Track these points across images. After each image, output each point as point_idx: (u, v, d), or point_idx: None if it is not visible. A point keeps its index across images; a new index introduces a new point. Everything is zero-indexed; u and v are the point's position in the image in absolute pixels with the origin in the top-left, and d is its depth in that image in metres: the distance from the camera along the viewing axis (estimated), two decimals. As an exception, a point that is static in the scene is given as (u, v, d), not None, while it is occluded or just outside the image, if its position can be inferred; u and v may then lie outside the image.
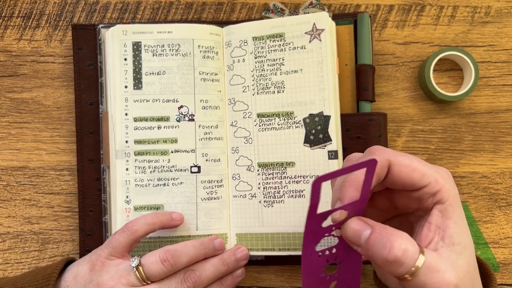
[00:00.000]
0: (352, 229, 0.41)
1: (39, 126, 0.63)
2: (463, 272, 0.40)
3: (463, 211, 0.42)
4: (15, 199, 0.63)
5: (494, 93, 0.64)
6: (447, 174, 0.44)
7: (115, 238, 0.53)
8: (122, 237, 0.53)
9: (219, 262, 0.56)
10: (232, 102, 0.61)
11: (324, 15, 0.59)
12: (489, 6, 0.65)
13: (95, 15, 0.64)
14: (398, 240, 0.39)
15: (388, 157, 0.42)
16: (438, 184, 0.41)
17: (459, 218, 0.41)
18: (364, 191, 0.40)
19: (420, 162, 0.42)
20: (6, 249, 0.62)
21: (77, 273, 0.53)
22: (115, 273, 0.52)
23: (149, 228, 0.54)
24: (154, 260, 0.52)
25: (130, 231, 0.53)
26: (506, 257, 0.63)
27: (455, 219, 0.41)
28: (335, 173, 0.38)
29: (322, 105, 0.58)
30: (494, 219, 0.63)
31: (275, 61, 0.59)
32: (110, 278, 0.52)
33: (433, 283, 0.39)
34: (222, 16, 0.65)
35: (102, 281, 0.52)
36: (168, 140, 0.59)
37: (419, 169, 0.41)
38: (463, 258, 0.40)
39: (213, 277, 0.55)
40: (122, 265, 0.53)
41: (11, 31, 0.64)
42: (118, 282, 0.51)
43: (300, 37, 0.59)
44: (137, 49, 0.59)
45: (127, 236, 0.53)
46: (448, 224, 0.41)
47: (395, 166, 0.42)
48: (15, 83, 0.64)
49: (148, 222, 0.54)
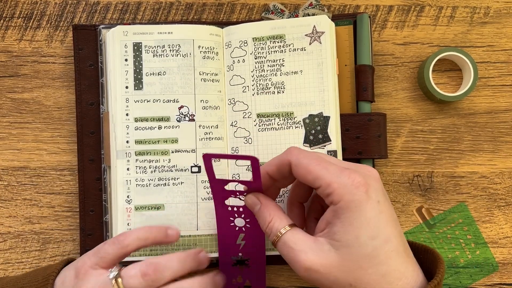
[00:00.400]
0: (248, 202, 0.51)
1: (39, 126, 0.64)
2: (330, 264, 0.44)
3: (362, 215, 0.44)
4: (16, 199, 0.63)
5: (493, 93, 0.64)
6: (360, 179, 0.45)
7: (104, 249, 0.51)
8: (111, 249, 0.51)
9: (188, 258, 0.52)
10: (232, 102, 0.61)
11: (324, 18, 0.59)
12: (488, 6, 0.65)
13: (95, 15, 0.65)
14: (269, 214, 0.49)
15: (290, 157, 0.48)
16: (329, 188, 0.45)
17: (348, 221, 0.44)
18: (255, 177, 0.49)
19: (320, 164, 0.46)
20: (7, 248, 0.62)
21: (64, 278, 0.51)
22: (94, 284, 0.49)
23: (140, 243, 0.51)
24: (134, 274, 0.49)
25: (121, 244, 0.51)
26: (505, 257, 0.63)
27: (343, 220, 0.44)
28: (223, 156, 0.53)
29: (322, 105, 0.58)
30: (493, 219, 0.63)
31: (275, 62, 0.60)
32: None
33: (286, 255, 0.47)
34: (222, 17, 0.65)
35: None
36: (168, 140, 0.59)
37: (313, 172, 0.46)
38: (339, 254, 0.44)
39: (177, 274, 0.51)
40: (103, 276, 0.50)
41: (12, 31, 0.64)
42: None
43: (300, 39, 0.59)
44: (138, 50, 0.59)
45: (117, 249, 0.50)
46: (335, 222, 0.45)
47: (294, 167, 0.47)
48: (16, 83, 0.64)
49: (140, 237, 0.51)
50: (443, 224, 0.63)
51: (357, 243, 0.44)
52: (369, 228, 0.44)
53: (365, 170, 0.48)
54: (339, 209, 0.45)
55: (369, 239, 0.44)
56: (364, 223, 0.44)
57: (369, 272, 0.44)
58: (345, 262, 0.44)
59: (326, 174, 0.46)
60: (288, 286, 0.63)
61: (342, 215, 0.45)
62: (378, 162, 0.63)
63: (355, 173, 0.45)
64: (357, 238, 0.44)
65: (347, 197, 0.45)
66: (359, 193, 0.45)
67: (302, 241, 0.46)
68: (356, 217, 0.44)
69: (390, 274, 0.45)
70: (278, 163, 0.49)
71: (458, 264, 0.63)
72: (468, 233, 0.63)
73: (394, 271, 0.45)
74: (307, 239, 0.46)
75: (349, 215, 0.45)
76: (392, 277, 0.45)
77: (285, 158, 0.48)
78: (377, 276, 0.45)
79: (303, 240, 0.46)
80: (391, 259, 0.45)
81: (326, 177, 0.45)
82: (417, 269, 0.47)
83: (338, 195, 0.45)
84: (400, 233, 0.47)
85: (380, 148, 0.60)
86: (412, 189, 0.64)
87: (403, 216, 0.64)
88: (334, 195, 0.45)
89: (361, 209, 0.44)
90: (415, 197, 0.64)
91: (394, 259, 0.45)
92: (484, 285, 0.63)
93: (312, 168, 0.46)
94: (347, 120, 0.59)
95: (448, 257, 0.63)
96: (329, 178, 0.45)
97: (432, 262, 0.48)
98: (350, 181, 0.45)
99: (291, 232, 0.47)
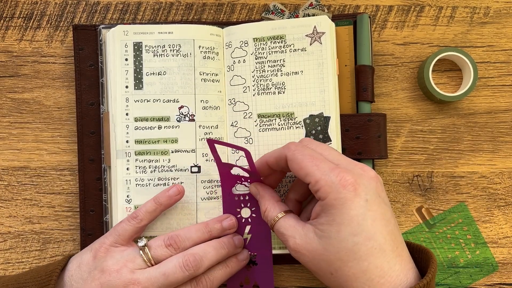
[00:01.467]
0: (252, 190, 0.57)
1: (40, 126, 0.64)
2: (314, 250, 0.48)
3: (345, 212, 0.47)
4: (16, 199, 0.63)
5: (493, 93, 0.65)
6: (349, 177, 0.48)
7: (121, 226, 0.55)
8: (128, 225, 0.55)
9: (220, 246, 0.56)
10: (233, 102, 0.61)
11: (324, 19, 0.59)
12: (488, 6, 0.65)
13: (95, 15, 0.65)
14: (265, 203, 0.54)
15: (287, 152, 0.52)
16: (317, 185, 0.48)
17: (332, 216, 0.47)
18: (251, 168, 0.54)
19: (313, 161, 0.49)
20: (7, 248, 0.62)
21: (80, 262, 0.54)
22: (121, 258, 0.53)
23: (152, 215, 0.56)
24: (159, 244, 0.54)
25: (136, 220, 0.55)
26: (505, 257, 0.63)
27: (328, 215, 0.48)
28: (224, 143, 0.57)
29: (322, 106, 0.58)
30: (493, 219, 0.63)
31: (275, 62, 0.60)
32: (116, 263, 0.53)
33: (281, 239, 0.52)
34: (222, 17, 0.65)
35: (106, 266, 0.52)
36: (168, 140, 0.59)
37: (305, 168, 0.50)
38: (321, 243, 0.48)
39: (215, 261, 0.55)
40: (127, 251, 0.54)
41: (12, 31, 0.64)
42: (124, 266, 0.52)
43: (301, 40, 0.59)
44: (138, 50, 0.59)
45: (133, 225, 0.55)
46: (321, 215, 0.48)
47: (289, 161, 0.51)
48: (16, 83, 0.64)
49: (149, 210, 0.56)
50: (443, 224, 0.63)
51: (338, 237, 0.47)
52: (352, 225, 0.46)
53: (361, 169, 0.49)
54: (325, 205, 0.48)
55: (350, 235, 0.46)
56: (347, 219, 0.47)
57: (349, 266, 0.46)
58: (326, 252, 0.48)
59: (316, 171, 0.49)
60: (288, 286, 0.63)
61: (328, 211, 0.48)
62: (378, 162, 0.63)
63: (345, 172, 0.48)
64: (338, 232, 0.47)
65: (333, 195, 0.47)
66: (345, 192, 0.47)
67: (292, 228, 0.51)
68: (339, 214, 0.47)
69: (371, 270, 0.46)
70: (276, 156, 0.53)
71: (458, 264, 0.63)
72: (468, 233, 0.64)
73: (375, 268, 0.46)
74: (297, 225, 0.51)
75: (333, 211, 0.47)
76: (373, 274, 0.46)
77: (283, 152, 0.52)
78: (357, 270, 0.46)
79: (294, 226, 0.51)
80: (373, 256, 0.46)
81: (316, 174, 0.49)
82: (408, 269, 0.47)
83: (325, 192, 0.48)
84: (391, 232, 0.48)
85: (380, 148, 0.60)
86: (412, 189, 0.64)
87: (403, 216, 0.64)
88: (321, 192, 0.48)
89: (346, 206, 0.47)
90: (415, 197, 0.64)
91: (376, 256, 0.46)
92: (484, 285, 0.63)
93: (304, 164, 0.50)
94: (347, 121, 0.60)
95: (448, 257, 0.63)
96: (318, 176, 0.48)
97: (426, 262, 0.50)
98: (338, 180, 0.47)
99: (284, 219, 0.52)
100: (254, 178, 0.57)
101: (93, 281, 0.52)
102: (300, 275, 0.63)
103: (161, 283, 0.52)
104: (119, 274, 0.52)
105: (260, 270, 0.59)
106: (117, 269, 0.52)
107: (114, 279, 0.52)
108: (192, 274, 0.53)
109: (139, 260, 0.53)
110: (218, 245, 0.56)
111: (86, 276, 0.53)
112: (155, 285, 0.52)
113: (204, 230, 0.56)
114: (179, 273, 0.52)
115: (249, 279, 0.59)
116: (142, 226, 0.55)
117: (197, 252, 0.54)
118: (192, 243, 0.55)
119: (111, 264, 0.52)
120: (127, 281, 0.52)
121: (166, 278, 0.52)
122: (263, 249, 0.59)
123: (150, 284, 0.52)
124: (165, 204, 0.57)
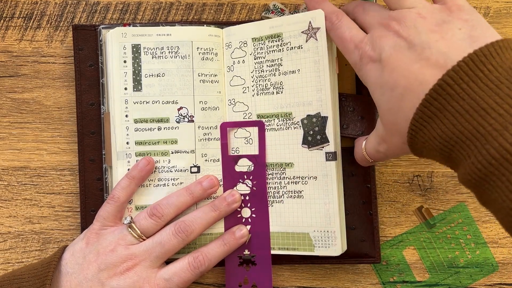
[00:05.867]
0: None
1: (40, 126, 0.64)
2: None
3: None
4: (16, 199, 0.63)
5: (494, 93, 0.64)
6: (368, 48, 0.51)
7: (103, 210, 0.57)
8: (108, 207, 0.57)
9: (209, 209, 0.57)
10: (232, 103, 0.61)
11: (319, 13, 0.57)
12: (488, 6, 0.65)
13: (95, 15, 0.65)
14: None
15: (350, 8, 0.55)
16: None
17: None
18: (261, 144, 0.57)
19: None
20: (7, 248, 0.63)
21: (73, 250, 0.56)
22: (112, 238, 0.55)
23: (127, 191, 0.57)
24: (143, 217, 0.56)
25: (114, 199, 0.57)
26: (505, 257, 0.63)
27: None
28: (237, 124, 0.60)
29: (320, 105, 0.58)
30: (493, 219, 0.63)
31: (273, 62, 0.60)
32: (109, 244, 0.55)
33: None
34: (222, 17, 0.65)
35: (101, 248, 0.54)
36: (168, 141, 0.59)
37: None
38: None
39: (205, 223, 0.56)
40: (117, 230, 0.56)
41: (12, 31, 0.64)
42: (117, 244, 0.54)
43: (297, 37, 0.59)
44: (137, 52, 0.59)
45: (113, 204, 0.56)
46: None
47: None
48: (16, 83, 0.64)
49: (123, 186, 0.57)
50: (443, 224, 0.63)
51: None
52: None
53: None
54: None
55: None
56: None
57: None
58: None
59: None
60: (288, 286, 0.63)
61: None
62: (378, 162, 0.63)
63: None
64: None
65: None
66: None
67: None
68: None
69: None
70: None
71: (458, 264, 0.63)
72: (468, 233, 0.63)
73: None
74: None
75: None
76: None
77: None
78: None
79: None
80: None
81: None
82: None
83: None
84: None
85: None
86: (412, 189, 0.64)
87: (403, 216, 0.64)
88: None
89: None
90: (415, 197, 0.64)
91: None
92: (484, 285, 0.63)
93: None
94: (353, 101, 0.60)
95: (448, 257, 0.63)
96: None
97: None
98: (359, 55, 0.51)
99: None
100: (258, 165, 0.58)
101: (90, 264, 0.54)
102: (300, 275, 0.63)
103: (158, 252, 0.54)
104: (115, 252, 0.54)
105: (259, 270, 0.59)
106: (111, 248, 0.54)
107: (110, 258, 0.54)
108: (185, 239, 0.55)
109: (129, 237, 0.55)
110: (207, 208, 0.57)
111: (81, 261, 0.54)
112: (152, 255, 0.54)
113: (185, 193, 0.57)
114: (173, 240, 0.54)
115: (248, 279, 0.59)
116: (121, 204, 0.57)
117: (187, 219, 0.56)
118: (175, 208, 0.56)
119: (105, 246, 0.54)
120: (124, 257, 0.54)
121: (163, 247, 0.54)
122: (262, 249, 0.59)
123: (147, 256, 0.54)
124: (137, 177, 0.57)
